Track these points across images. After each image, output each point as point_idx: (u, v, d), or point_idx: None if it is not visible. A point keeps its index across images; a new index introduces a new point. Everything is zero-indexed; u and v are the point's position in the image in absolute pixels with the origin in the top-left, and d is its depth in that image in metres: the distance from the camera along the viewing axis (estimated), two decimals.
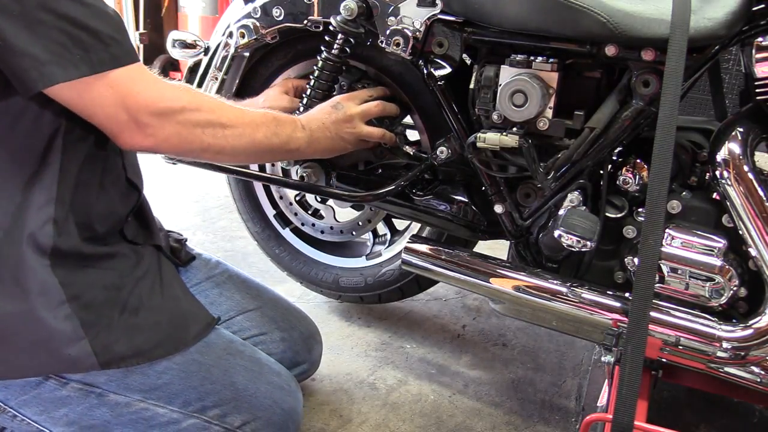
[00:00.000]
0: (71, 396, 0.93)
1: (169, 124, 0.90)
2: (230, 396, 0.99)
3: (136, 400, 0.95)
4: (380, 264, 1.57)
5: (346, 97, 1.24)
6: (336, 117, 1.20)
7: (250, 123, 1.02)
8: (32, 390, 0.92)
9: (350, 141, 1.23)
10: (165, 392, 0.96)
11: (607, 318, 1.11)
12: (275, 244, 1.69)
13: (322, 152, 1.22)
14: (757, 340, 1.02)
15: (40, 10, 0.77)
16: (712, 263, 1.05)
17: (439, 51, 1.19)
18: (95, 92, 0.84)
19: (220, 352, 1.03)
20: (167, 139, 0.91)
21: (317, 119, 1.18)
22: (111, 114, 0.86)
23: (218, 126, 0.97)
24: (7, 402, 0.93)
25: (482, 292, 1.27)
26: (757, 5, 0.99)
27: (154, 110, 0.88)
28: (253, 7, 1.38)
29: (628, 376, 0.86)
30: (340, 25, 1.22)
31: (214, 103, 0.99)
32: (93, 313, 0.92)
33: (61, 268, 0.89)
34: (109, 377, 0.94)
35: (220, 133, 0.97)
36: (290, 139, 1.10)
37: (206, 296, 1.22)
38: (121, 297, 0.95)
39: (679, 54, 0.91)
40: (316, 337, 1.34)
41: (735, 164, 1.01)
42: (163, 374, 0.97)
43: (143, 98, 0.87)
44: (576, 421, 1.37)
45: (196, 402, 0.98)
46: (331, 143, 1.20)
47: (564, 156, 1.11)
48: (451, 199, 1.36)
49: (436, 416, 1.36)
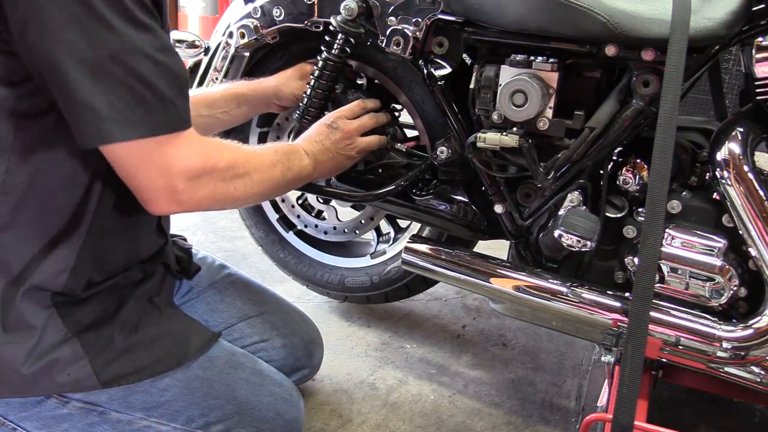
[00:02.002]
0: (72, 414, 0.92)
1: (203, 188, 0.87)
2: (233, 410, 0.99)
3: (138, 418, 0.95)
4: (385, 262, 1.57)
5: (339, 114, 1.22)
6: (335, 137, 1.18)
7: (269, 164, 1.01)
8: (33, 408, 0.91)
9: (352, 157, 1.23)
10: (168, 410, 0.96)
11: (607, 318, 1.11)
12: (279, 248, 1.69)
13: (328, 173, 1.22)
14: (757, 340, 1.02)
15: (111, 62, 0.74)
16: (712, 263, 1.05)
17: (439, 51, 1.19)
18: (143, 153, 0.80)
19: (222, 365, 1.02)
20: (200, 203, 0.88)
21: (317, 142, 1.16)
22: (151, 177, 0.82)
23: (246, 176, 0.95)
24: (6, 416, 0.92)
25: (482, 292, 1.27)
26: (757, 5, 0.99)
27: (192, 175, 0.85)
28: (254, 7, 1.38)
29: (628, 376, 0.86)
30: (341, 25, 1.22)
31: (241, 154, 0.96)
32: (92, 333, 0.91)
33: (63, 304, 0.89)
34: (110, 396, 0.93)
35: (248, 183, 0.95)
36: (301, 169, 1.09)
37: (207, 303, 1.21)
38: (121, 315, 0.95)
39: (679, 54, 0.91)
40: (317, 341, 1.34)
41: (735, 164, 1.01)
42: (165, 391, 0.96)
43: (186, 164, 0.84)
44: (576, 421, 1.37)
45: (199, 418, 0.97)
46: (334, 163, 1.19)
47: (564, 156, 1.11)
48: (451, 199, 1.36)
49: (436, 416, 1.36)
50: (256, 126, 1.59)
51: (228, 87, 1.34)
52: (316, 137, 1.17)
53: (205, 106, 1.28)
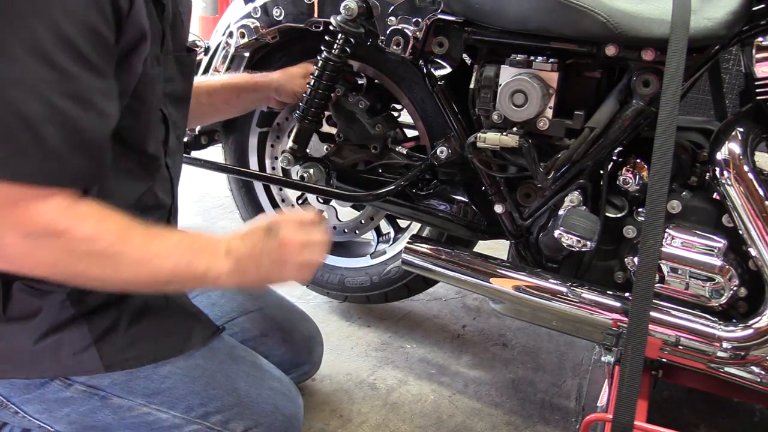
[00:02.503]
0: (75, 397, 0.93)
1: (40, 252, 0.76)
2: (233, 402, 0.99)
3: (139, 404, 0.95)
4: (385, 262, 1.57)
5: (284, 220, 0.97)
6: (269, 246, 0.93)
7: (158, 254, 0.83)
8: (36, 390, 0.92)
9: (287, 274, 0.96)
10: (168, 397, 0.96)
11: (607, 318, 1.11)
12: None
13: (251, 284, 0.98)
14: (757, 340, 1.02)
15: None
16: (712, 263, 1.05)
17: (439, 51, 1.19)
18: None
19: (223, 357, 1.03)
20: (35, 267, 0.77)
21: (247, 245, 0.92)
22: None
23: (109, 258, 0.80)
24: (9, 398, 0.93)
25: (482, 292, 1.27)
26: (757, 5, 0.99)
27: (29, 231, 0.73)
28: (254, 7, 1.38)
29: (628, 376, 0.86)
30: (341, 25, 1.22)
31: (114, 232, 0.80)
32: (99, 316, 0.91)
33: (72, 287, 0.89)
34: (113, 380, 0.93)
35: (111, 266, 0.80)
36: (208, 270, 0.87)
37: (208, 297, 1.22)
38: (128, 300, 0.95)
39: (679, 54, 0.91)
40: (317, 339, 1.34)
41: (735, 164, 1.01)
42: (167, 378, 0.96)
43: (31, 218, 0.73)
44: (576, 421, 1.37)
45: (198, 407, 0.97)
46: (260, 276, 0.94)
47: (564, 156, 1.11)
48: (451, 199, 1.36)
49: (436, 416, 1.36)
50: (256, 126, 1.59)
51: (230, 77, 1.36)
52: (249, 238, 0.93)
53: (206, 94, 1.29)
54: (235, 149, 1.63)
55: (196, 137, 1.57)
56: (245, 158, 1.63)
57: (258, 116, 1.57)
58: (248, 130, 1.60)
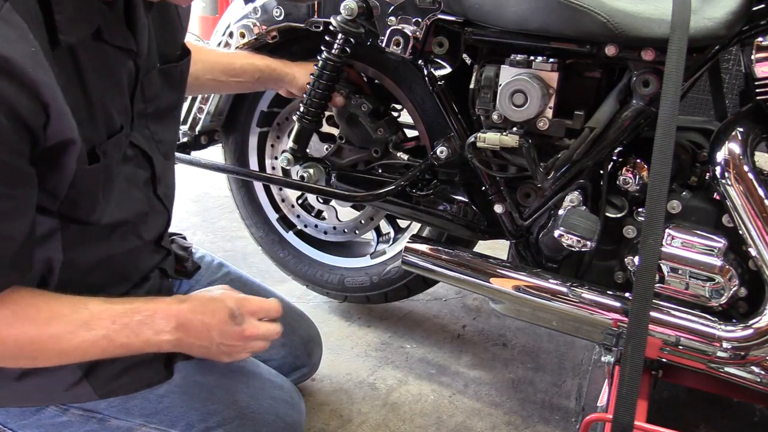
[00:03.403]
0: (72, 421, 0.92)
1: None
2: (233, 414, 0.98)
3: (137, 424, 0.94)
4: (385, 262, 1.57)
5: (251, 309, 0.97)
6: (228, 331, 0.91)
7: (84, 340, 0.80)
8: (32, 416, 0.91)
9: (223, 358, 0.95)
10: (167, 416, 0.95)
11: (607, 318, 1.11)
12: (279, 248, 1.70)
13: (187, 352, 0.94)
14: (757, 340, 1.02)
15: None
16: (712, 263, 1.05)
17: (439, 51, 1.19)
18: None
19: (221, 370, 1.02)
20: None
21: (203, 323, 0.89)
22: None
23: (35, 359, 0.80)
24: (6, 424, 0.92)
25: (482, 292, 1.27)
26: (757, 5, 0.99)
27: None
28: (254, 7, 1.38)
29: (628, 376, 0.86)
30: (341, 25, 1.22)
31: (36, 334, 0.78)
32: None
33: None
34: (109, 403, 0.93)
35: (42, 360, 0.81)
36: (148, 343, 0.86)
37: None
38: None
39: (679, 54, 0.91)
40: (317, 340, 1.34)
41: (735, 164, 1.01)
42: (164, 398, 0.95)
43: None
44: (576, 421, 1.37)
45: (199, 423, 0.96)
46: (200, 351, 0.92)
47: (564, 156, 1.11)
48: (451, 199, 1.36)
49: (436, 416, 1.36)
50: (256, 126, 1.59)
51: (251, 59, 1.36)
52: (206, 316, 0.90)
53: (223, 73, 1.30)
54: (235, 149, 1.63)
55: (196, 137, 1.56)
56: (245, 158, 1.63)
57: (258, 116, 1.58)
58: (248, 130, 1.60)
